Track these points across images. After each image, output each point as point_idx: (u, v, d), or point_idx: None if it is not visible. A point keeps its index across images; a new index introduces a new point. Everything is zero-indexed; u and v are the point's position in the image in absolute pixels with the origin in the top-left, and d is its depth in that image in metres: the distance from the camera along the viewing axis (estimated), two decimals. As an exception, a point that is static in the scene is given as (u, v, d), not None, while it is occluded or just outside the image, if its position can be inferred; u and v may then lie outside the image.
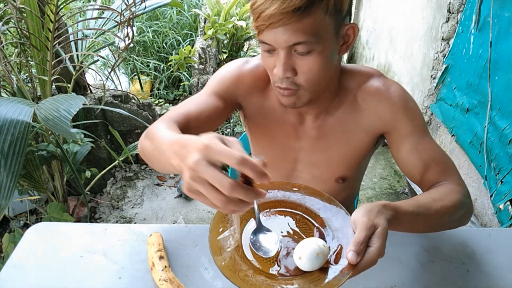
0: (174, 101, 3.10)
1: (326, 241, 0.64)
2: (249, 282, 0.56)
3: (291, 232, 0.68)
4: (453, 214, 0.72)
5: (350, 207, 1.07)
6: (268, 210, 0.72)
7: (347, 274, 0.54)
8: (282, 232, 0.68)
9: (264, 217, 0.71)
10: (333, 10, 0.67)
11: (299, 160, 0.91)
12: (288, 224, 0.70)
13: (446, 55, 2.00)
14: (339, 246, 0.61)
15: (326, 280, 0.56)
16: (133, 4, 1.42)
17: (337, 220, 0.67)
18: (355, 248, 0.55)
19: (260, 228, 0.65)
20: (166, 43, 3.32)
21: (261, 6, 0.65)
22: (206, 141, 0.46)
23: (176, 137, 0.54)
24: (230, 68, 0.88)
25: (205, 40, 2.90)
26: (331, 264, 0.59)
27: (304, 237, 0.66)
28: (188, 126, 0.76)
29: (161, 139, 0.60)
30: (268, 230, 0.65)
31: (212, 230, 0.64)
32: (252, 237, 0.64)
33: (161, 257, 0.73)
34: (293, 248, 0.62)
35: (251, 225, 0.68)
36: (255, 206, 0.66)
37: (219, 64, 3.04)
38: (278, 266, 0.61)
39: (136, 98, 2.34)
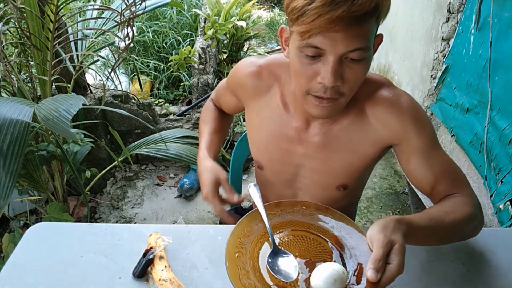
0: (174, 101, 3.10)
1: (344, 260, 0.63)
2: None
3: (308, 253, 0.66)
4: (465, 227, 0.71)
5: (349, 214, 1.06)
6: (281, 231, 0.70)
7: None
8: (297, 254, 0.66)
9: (278, 239, 0.69)
10: (379, 19, 0.66)
11: (300, 166, 0.89)
12: (304, 245, 0.68)
13: (446, 55, 2.00)
14: (358, 266, 0.61)
15: None
16: (133, 4, 1.41)
17: (351, 237, 0.66)
18: (374, 266, 0.54)
19: (277, 252, 0.64)
20: (166, 43, 3.32)
21: (320, 8, 0.59)
22: (203, 196, 0.85)
23: (201, 148, 0.96)
24: (240, 68, 0.89)
25: (205, 40, 2.90)
26: (353, 285, 0.58)
27: (321, 259, 0.65)
28: (220, 108, 1.08)
29: (202, 133, 1.02)
30: (285, 253, 0.64)
31: (229, 257, 0.63)
32: (270, 260, 0.62)
33: (161, 257, 0.73)
34: (311, 271, 0.61)
35: (266, 248, 0.66)
36: (269, 229, 0.64)
37: (219, 64, 3.04)
38: None
39: (136, 98, 2.34)
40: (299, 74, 0.70)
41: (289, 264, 0.63)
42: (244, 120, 2.50)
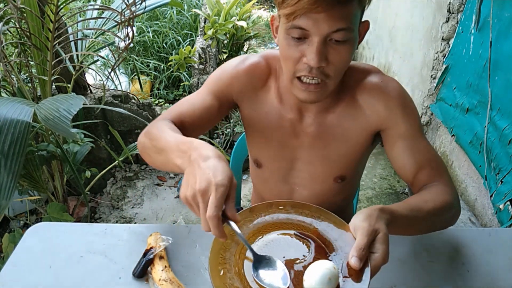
0: (174, 101, 3.10)
1: (329, 254, 0.62)
2: None
3: (293, 253, 0.64)
4: (443, 215, 0.72)
5: (349, 207, 1.07)
6: (261, 237, 0.67)
7: None
8: (284, 257, 0.63)
9: (258, 245, 0.66)
10: (362, 2, 0.68)
11: (297, 159, 0.89)
12: (287, 246, 0.66)
13: (446, 55, 2.00)
14: (345, 256, 0.60)
15: None
16: (133, 3, 1.42)
17: (332, 229, 0.65)
18: (357, 254, 0.55)
19: (260, 260, 0.60)
20: (166, 43, 3.32)
21: None
22: (218, 180, 0.54)
23: (189, 140, 0.63)
24: (227, 67, 0.87)
25: (205, 40, 2.90)
26: (346, 277, 0.57)
27: (307, 256, 0.63)
28: (183, 126, 0.78)
29: (169, 139, 0.67)
30: (269, 259, 0.60)
31: (215, 276, 0.60)
32: (255, 273, 0.59)
33: (161, 257, 0.73)
34: (300, 272, 0.60)
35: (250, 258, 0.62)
36: (243, 240, 0.60)
37: (219, 64, 3.04)
38: None
39: (136, 98, 2.34)
40: (287, 56, 0.71)
41: (277, 271, 0.59)
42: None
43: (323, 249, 0.64)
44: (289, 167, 0.91)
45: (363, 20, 0.73)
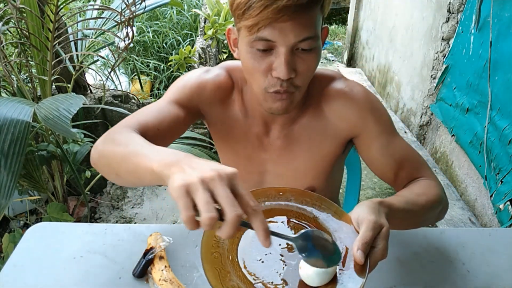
0: (174, 101, 3.10)
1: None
2: None
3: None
4: (435, 208, 0.72)
5: None
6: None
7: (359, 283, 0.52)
8: (280, 245, 0.62)
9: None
10: (324, 9, 0.66)
11: (266, 172, 0.87)
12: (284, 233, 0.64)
13: (446, 55, 2.00)
14: (346, 249, 0.58)
15: None
16: (133, 3, 1.42)
17: (333, 220, 0.64)
18: (363, 248, 0.53)
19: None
20: (166, 43, 3.32)
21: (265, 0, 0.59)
22: (227, 172, 0.46)
23: (170, 150, 0.53)
24: (191, 76, 0.83)
25: (205, 40, 2.90)
26: (342, 270, 0.55)
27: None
28: (146, 136, 0.66)
29: (141, 145, 0.58)
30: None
31: (206, 259, 0.56)
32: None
33: (161, 257, 0.73)
34: (296, 262, 0.58)
35: (246, 241, 0.61)
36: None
37: (219, 64, 3.04)
38: (286, 283, 0.56)
39: (136, 98, 2.34)
40: (253, 70, 0.68)
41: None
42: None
43: None
44: (259, 180, 0.88)
45: (323, 26, 0.71)
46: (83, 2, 3.58)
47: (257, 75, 0.68)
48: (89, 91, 2.20)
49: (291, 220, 0.66)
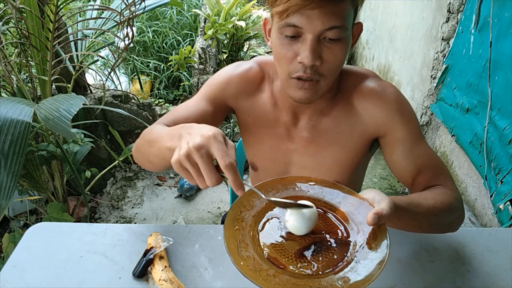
0: (174, 101, 3.10)
1: (350, 236, 0.62)
2: (272, 282, 0.53)
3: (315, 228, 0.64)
4: (443, 216, 0.72)
5: None
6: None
7: (376, 271, 0.53)
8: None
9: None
10: (356, 3, 0.68)
11: (292, 163, 0.88)
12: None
13: (446, 55, 2.00)
14: (366, 240, 0.59)
15: (354, 279, 0.54)
16: (133, 3, 1.42)
17: (359, 212, 0.64)
18: (378, 215, 0.57)
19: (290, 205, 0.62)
20: (166, 43, 3.32)
21: None
22: (213, 133, 0.54)
23: (180, 125, 0.62)
24: (220, 73, 0.88)
25: (205, 40, 2.90)
26: (359, 262, 0.56)
27: (327, 231, 0.64)
28: None
29: (160, 131, 0.68)
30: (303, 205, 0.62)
31: (227, 228, 0.61)
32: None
33: (161, 257, 0.73)
34: (316, 245, 0.62)
35: (270, 221, 0.65)
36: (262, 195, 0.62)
37: (219, 64, 3.04)
38: (301, 262, 0.59)
39: (136, 98, 2.34)
40: (281, 56, 0.71)
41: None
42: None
43: (346, 229, 0.64)
44: (284, 171, 0.90)
45: (356, 21, 0.73)
46: (83, 2, 3.58)
47: (283, 61, 0.71)
48: (89, 91, 2.20)
49: (318, 209, 0.67)
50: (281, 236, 0.63)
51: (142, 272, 0.71)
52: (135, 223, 2.08)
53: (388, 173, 2.46)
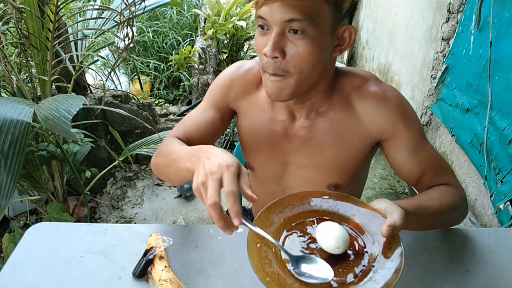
0: (174, 101, 3.10)
1: (366, 247, 0.63)
2: None
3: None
4: (449, 215, 0.74)
5: None
6: (301, 220, 0.68)
7: (393, 280, 0.56)
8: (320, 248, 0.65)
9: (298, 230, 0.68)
10: (333, 1, 0.66)
11: (289, 163, 0.87)
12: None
13: (446, 55, 2.00)
14: (381, 250, 0.61)
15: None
16: (133, 4, 1.42)
17: (374, 224, 0.65)
18: (392, 227, 0.58)
19: (298, 259, 0.61)
20: (166, 43, 3.32)
21: None
22: (227, 163, 0.57)
23: (198, 146, 0.67)
24: (222, 76, 0.89)
25: (205, 40, 2.90)
26: (377, 271, 0.58)
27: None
28: (190, 142, 0.83)
29: (178, 151, 0.73)
30: (309, 259, 0.61)
31: (250, 246, 0.62)
32: (295, 269, 0.60)
33: (161, 257, 0.73)
34: (336, 257, 0.62)
35: (288, 237, 0.66)
36: (271, 239, 0.61)
37: (219, 64, 3.04)
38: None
39: (136, 98, 2.34)
40: (256, 48, 0.73)
41: (318, 265, 0.60)
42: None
43: (362, 240, 0.65)
44: (282, 171, 0.89)
45: (352, 24, 0.72)
46: (83, 2, 3.58)
47: (258, 53, 0.73)
48: (89, 91, 2.20)
49: (335, 221, 0.67)
50: (301, 250, 0.64)
51: (142, 272, 0.71)
52: (135, 223, 2.08)
53: (388, 173, 2.46)
